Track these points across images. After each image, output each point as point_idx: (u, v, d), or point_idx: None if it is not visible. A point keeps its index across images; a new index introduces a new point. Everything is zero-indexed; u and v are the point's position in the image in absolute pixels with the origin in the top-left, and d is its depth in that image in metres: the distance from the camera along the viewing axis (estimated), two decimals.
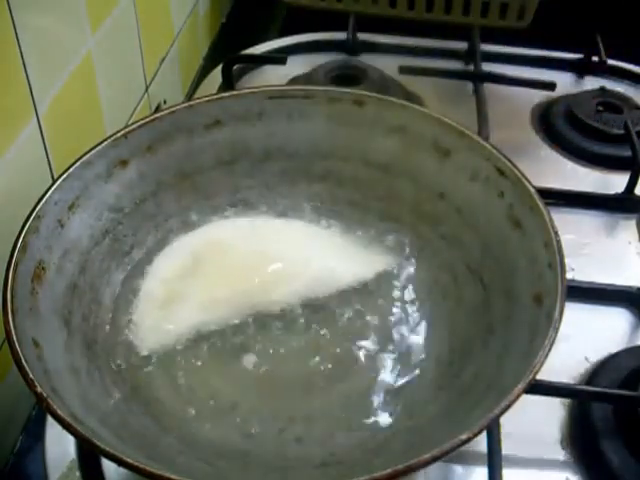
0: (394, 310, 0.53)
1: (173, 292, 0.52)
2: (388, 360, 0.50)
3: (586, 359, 0.56)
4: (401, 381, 0.49)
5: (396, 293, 0.54)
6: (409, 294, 0.54)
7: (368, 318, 0.52)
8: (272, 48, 0.88)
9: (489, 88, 0.79)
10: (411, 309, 0.53)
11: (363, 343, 0.51)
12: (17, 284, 0.44)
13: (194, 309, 0.51)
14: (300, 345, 0.50)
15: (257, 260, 0.53)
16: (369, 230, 0.57)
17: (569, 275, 0.50)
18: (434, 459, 0.37)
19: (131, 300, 0.53)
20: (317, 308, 0.52)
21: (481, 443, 0.48)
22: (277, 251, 0.54)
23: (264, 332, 0.51)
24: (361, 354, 0.50)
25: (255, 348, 0.50)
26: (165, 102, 0.82)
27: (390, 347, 0.51)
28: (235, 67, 0.79)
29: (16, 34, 0.51)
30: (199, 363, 0.50)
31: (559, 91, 0.79)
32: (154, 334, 0.51)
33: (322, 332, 0.51)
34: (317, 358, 0.50)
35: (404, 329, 0.52)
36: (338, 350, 0.50)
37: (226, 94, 0.58)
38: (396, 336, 0.51)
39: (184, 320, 0.51)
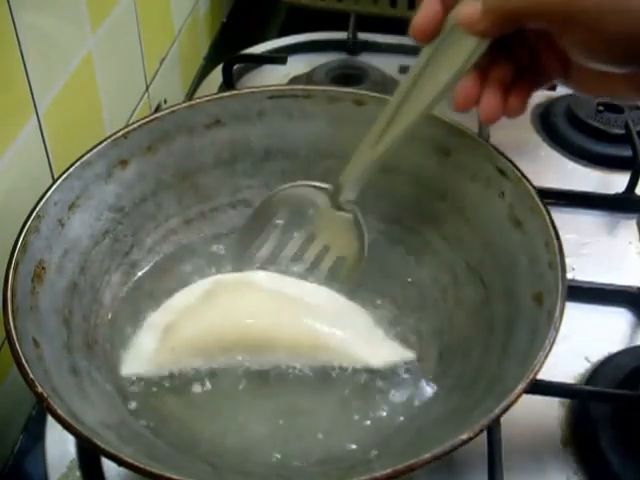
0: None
1: (174, 323, 0.51)
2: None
3: (586, 359, 0.56)
4: (402, 381, 0.49)
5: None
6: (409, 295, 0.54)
7: None
8: (272, 48, 0.88)
9: None
10: (411, 309, 0.53)
11: None
12: (17, 283, 0.44)
13: (184, 345, 0.49)
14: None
15: (269, 311, 0.51)
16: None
17: (569, 275, 0.50)
18: (434, 459, 0.37)
19: (133, 301, 0.53)
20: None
21: (481, 443, 0.48)
22: (295, 311, 0.51)
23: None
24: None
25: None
26: (165, 102, 0.82)
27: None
28: (235, 67, 0.79)
29: (16, 34, 0.51)
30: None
31: (559, 91, 0.79)
32: (137, 361, 0.50)
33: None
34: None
35: (405, 329, 0.52)
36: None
37: (226, 94, 0.58)
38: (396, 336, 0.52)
39: (170, 357, 0.49)
